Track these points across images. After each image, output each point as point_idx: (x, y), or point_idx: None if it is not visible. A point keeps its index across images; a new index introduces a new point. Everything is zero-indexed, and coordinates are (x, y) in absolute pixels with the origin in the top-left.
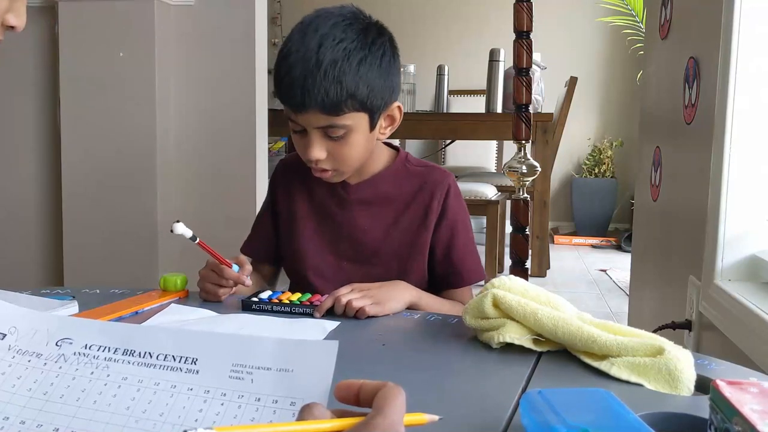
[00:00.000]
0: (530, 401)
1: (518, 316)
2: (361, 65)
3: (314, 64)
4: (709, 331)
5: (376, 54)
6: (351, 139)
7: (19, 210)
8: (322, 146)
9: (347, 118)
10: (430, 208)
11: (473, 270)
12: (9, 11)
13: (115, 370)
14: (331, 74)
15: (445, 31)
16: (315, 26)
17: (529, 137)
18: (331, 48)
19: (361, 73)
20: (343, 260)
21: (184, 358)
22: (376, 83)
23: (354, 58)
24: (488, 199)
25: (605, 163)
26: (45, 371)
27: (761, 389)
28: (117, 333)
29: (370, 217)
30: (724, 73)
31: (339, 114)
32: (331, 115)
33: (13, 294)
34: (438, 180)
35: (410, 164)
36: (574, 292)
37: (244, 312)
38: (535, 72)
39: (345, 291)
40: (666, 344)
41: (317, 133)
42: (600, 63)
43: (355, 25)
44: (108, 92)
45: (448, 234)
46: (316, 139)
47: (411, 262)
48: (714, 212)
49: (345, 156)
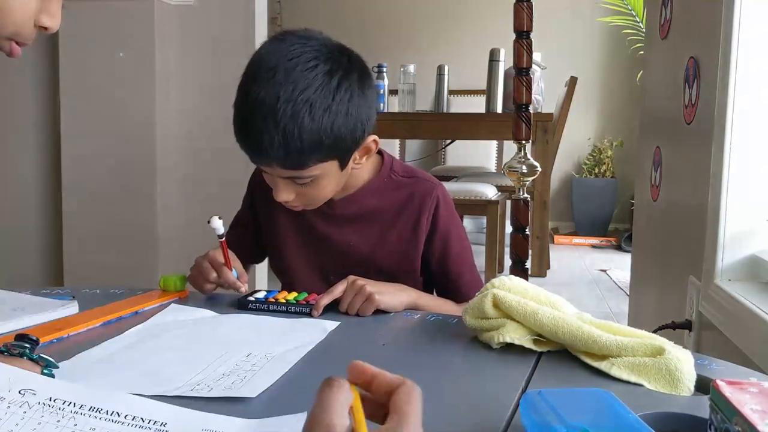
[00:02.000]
0: (530, 401)
1: (518, 316)
2: (326, 115)
3: (272, 120)
4: (709, 331)
5: (343, 98)
6: (320, 182)
7: (19, 210)
8: (290, 190)
9: (314, 168)
10: (419, 224)
11: (471, 283)
12: (42, 12)
13: (81, 421)
14: (290, 131)
15: (445, 31)
16: (274, 68)
17: (529, 137)
18: (292, 101)
19: (325, 124)
20: (330, 275)
21: (153, 420)
22: (344, 129)
23: (317, 109)
24: (488, 199)
25: (605, 163)
26: (9, 413)
27: (761, 389)
28: (83, 394)
29: (356, 232)
30: (724, 73)
31: (303, 168)
32: (295, 170)
33: (14, 294)
34: (426, 192)
35: (396, 174)
36: (574, 292)
37: (241, 311)
38: (535, 72)
39: (342, 287)
40: (666, 344)
41: (282, 179)
42: (600, 63)
43: (317, 68)
44: (108, 92)
45: (441, 247)
46: (281, 184)
47: (401, 278)
48: (714, 212)
49: (315, 197)
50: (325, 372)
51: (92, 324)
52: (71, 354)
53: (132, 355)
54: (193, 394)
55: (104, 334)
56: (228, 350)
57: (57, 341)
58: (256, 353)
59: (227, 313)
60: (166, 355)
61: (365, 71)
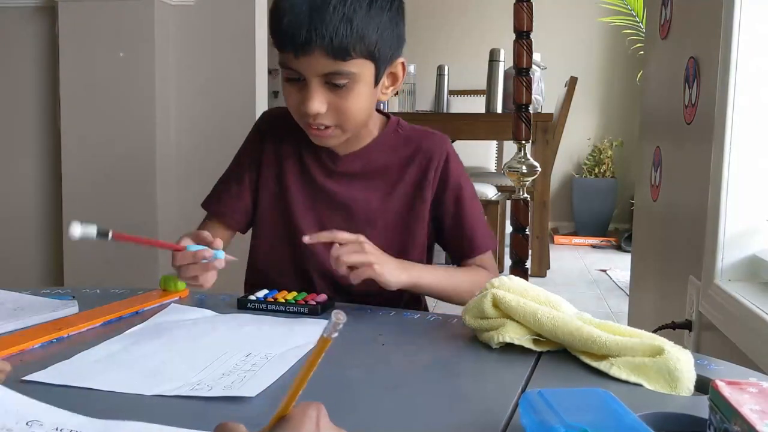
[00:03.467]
0: (530, 401)
1: (518, 316)
2: (372, 6)
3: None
4: (709, 331)
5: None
6: (355, 89)
7: (19, 210)
8: (323, 98)
9: (354, 64)
10: (426, 179)
11: (486, 236)
12: None
13: None
14: (340, 11)
15: (445, 31)
16: None
17: (529, 137)
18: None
19: (372, 14)
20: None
21: None
22: (386, 30)
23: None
24: (488, 199)
25: (605, 163)
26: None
27: (760, 389)
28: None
29: (363, 189)
30: (724, 73)
31: (346, 58)
32: (338, 60)
33: (14, 294)
34: (434, 147)
35: (403, 129)
36: (574, 292)
37: (240, 311)
38: (535, 72)
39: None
40: (666, 344)
41: (318, 81)
42: (600, 63)
43: None
44: (108, 92)
45: (453, 202)
46: (316, 88)
47: (409, 236)
48: (714, 212)
49: (348, 109)
50: (323, 372)
51: (92, 324)
52: (71, 354)
53: (132, 355)
54: (193, 394)
55: (104, 334)
56: (228, 350)
57: (57, 341)
58: (256, 353)
59: (227, 313)
60: (166, 355)
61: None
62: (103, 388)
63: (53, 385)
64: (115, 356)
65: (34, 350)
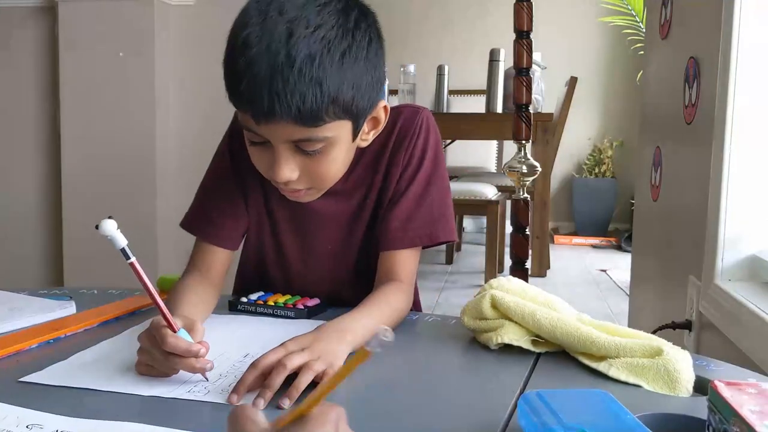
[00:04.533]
0: (528, 402)
1: (517, 317)
2: (344, 59)
3: (284, 60)
4: (709, 331)
5: (361, 43)
6: (330, 153)
7: (19, 210)
8: (294, 164)
9: (328, 128)
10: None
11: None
12: None
13: None
14: (308, 74)
15: (445, 31)
16: (279, 6)
17: (529, 137)
18: (306, 38)
19: (345, 69)
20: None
21: None
22: (363, 81)
23: (336, 50)
24: (488, 199)
25: (605, 163)
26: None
27: (760, 390)
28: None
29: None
30: (724, 73)
31: (318, 124)
32: (308, 127)
33: (11, 294)
34: (406, 125)
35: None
36: (574, 293)
37: (231, 313)
38: (535, 72)
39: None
40: (664, 345)
41: (286, 147)
42: (600, 63)
43: (331, 4)
44: (108, 92)
45: (406, 179)
46: (285, 155)
47: None
48: (714, 212)
49: (323, 173)
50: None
51: (89, 324)
52: (68, 354)
53: (129, 356)
54: (190, 397)
55: (101, 335)
56: (225, 351)
57: (54, 341)
58: (254, 354)
59: (224, 314)
60: None
61: (377, 23)
62: (100, 389)
63: (50, 386)
64: (112, 357)
65: (31, 351)
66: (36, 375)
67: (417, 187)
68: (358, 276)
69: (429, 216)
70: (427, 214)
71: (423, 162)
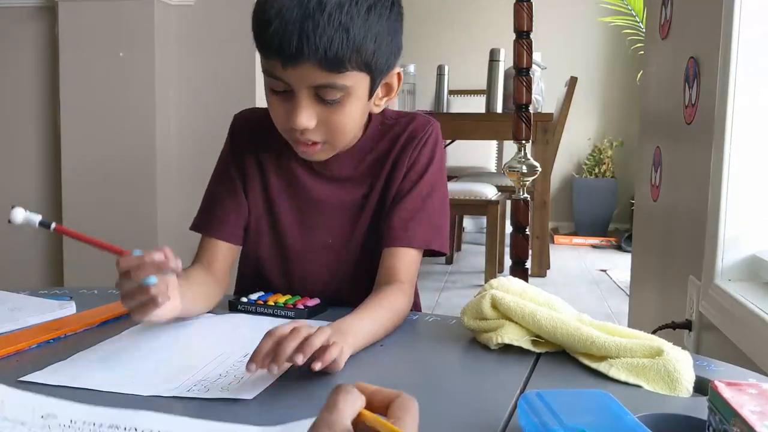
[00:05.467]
0: (528, 402)
1: (517, 317)
2: (370, 13)
3: (316, 5)
4: (709, 331)
5: (385, 3)
6: (348, 104)
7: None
8: (312, 112)
9: (348, 77)
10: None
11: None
12: None
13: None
14: (336, 19)
15: (445, 31)
16: None
17: (529, 137)
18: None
19: (370, 22)
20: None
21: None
22: (384, 39)
23: (363, 3)
24: (488, 199)
25: (605, 163)
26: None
27: (760, 390)
28: (103, 414)
29: (351, 191)
30: (724, 73)
31: (341, 71)
32: (332, 72)
33: (12, 294)
34: (416, 130)
35: (387, 119)
36: (574, 293)
37: (231, 312)
38: (535, 72)
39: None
40: (665, 345)
41: (307, 94)
42: (600, 63)
43: None
44: (108, 92)
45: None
46: (305, 101)
47: None
48: (714, 212)
49: (340, 125)
50: (322, 373)
51: (89, 324)
52: (69, 354)
53: (129, 356)
54: (190, 395)
55: (101, 335)
56: (225, 351)
57: (54, 341)
58: None
59: (224, 313)
60: (163, 355)
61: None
62: (100, 389)
63: (50, 386)
64: (112, 357)
65: (31, 350)
66: (36, 375)
67: (421, 190)
68: (358, 275)
69: (428, 221)
70: (427, 218)
71: (429, 168)
